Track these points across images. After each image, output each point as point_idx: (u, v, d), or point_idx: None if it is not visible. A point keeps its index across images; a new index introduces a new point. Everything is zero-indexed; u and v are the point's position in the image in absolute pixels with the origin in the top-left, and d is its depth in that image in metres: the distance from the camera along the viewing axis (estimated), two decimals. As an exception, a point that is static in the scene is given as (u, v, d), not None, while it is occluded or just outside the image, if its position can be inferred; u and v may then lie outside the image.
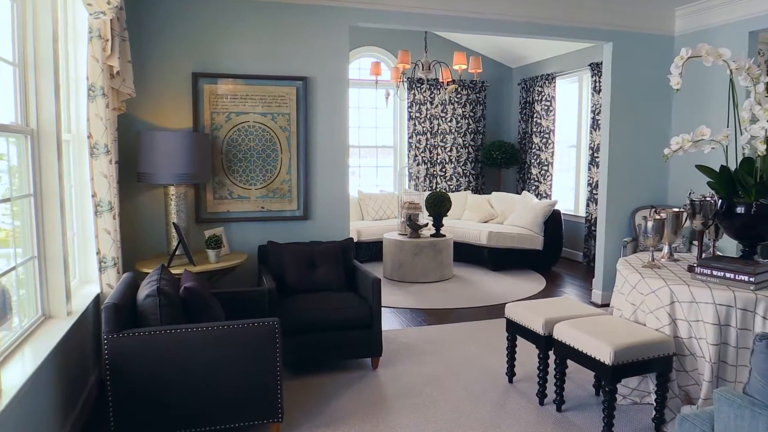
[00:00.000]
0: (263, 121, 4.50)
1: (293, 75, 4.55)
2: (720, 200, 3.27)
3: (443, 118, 8.74)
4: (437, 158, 8.78)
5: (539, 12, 5.14)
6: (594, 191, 7.31)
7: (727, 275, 2.99)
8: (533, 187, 8.51)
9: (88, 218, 3.74)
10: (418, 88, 8.51)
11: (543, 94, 8.26)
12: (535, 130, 8.47)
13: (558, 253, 7.31)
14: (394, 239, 6.67)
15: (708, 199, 3.33)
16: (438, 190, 8.44)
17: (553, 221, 7.19)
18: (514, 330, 3.63)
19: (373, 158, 9.02)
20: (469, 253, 7.32)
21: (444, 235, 6.80)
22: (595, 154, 7.24)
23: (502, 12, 5.05)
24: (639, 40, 5.52)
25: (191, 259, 3.79)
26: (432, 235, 6.79)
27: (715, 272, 3.04)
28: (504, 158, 8.52)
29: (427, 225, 6.81)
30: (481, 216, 7.77)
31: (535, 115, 8.46)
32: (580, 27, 5.32)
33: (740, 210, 3.16)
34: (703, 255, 3.42)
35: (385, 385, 3.71)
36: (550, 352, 3.36)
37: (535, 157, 8.48)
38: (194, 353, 2.77)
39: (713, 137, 3.34)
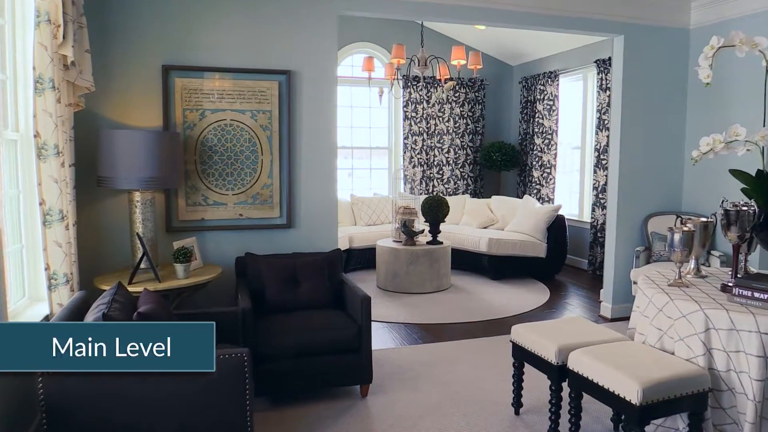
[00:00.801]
0: (242, 119, 4.07)
1: (275, 68, 4.12)
2: (758, 210, 2.86)
3: (440, 118, 8.32)
4: (434, 160, 8.36)
5: (546, 2, 4.73)
6: (600, 195, 6.89)
7: (773, 298, 2.57)
8: (535, 191, 8.09)
9: (39, 229, 3.29)
10: (414, 86, 8.09)
11: (545, 92, 7.85)
12: (536, 130, 8.06)
13: (562, 261, 6.90)
14: (388, 247, 6.25)
15: (744, 208, 2.91)
16: (435, 194, 8.03)
17: (556, 227, 6.78)
18: (522, 356, 3.20)
19: (367, 160, 8.60)
20: (467, 261, 6.89)
21: (441, 243, 6.37)
22: (601, 156, 6.83)
23: (506, 1, 4.63)
24: (652, 34, 5.11)
25: (156, 275, 3.36)
26: (428, 243, 6.37)
27: (756, 294, 2.61)
28: (504, 160, 8.10)
29: (423, 231, 6.39)
30: (480, 221, 7.35)
31: (536, 115, 8.05)
32: (590, 18, 4.90)
33: (782, 221, 2.75)
34: (739, 272, 3.00)
35: (376, 417, 3.28)
36: (564, 384, 2.93)
37: (536, 159, 8.06)
38: (148, 393, 2.34)
39: (748, 137, 2.93)
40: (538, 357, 3.02)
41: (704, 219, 3.24)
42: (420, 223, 6.58)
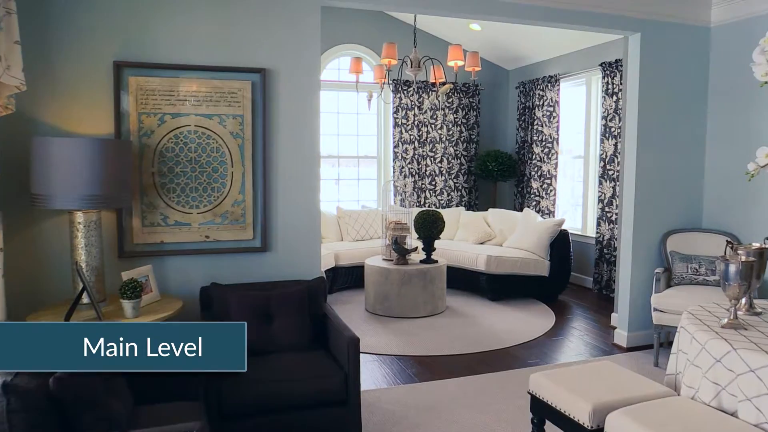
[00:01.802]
0: (208, 125, 3.49)
1: (248, 66, 3.55)
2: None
3: (433, 125, 7.78)
4: (426, 170, 7.82)
5: (554, -5, 4.23)
6: (606, 209, 6.39)
7: None
8: (533, 203, 7.58)
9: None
10: (405, 91, 7.55)
11: (545, 98, 7.35)
12: (535, 138, 7.55)
13: (566, 280, 6.37)
14: (378, 266, 5.68)
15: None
16: (428, 207, 7.49)
17: (560, 243, 6.25)
18: (543, 412, 2.65)
19: (354, 169, 8.03)
20: (463, 280, 6.34)
21: (436, 261, 5.82)
22: (608, 166, 6.33)
23: (510, -7, 4.12)
24: (670, 31, 4.62)
25: (99, 314, 2.76)
26: (422, 261, 5.81)
27: None
28: (500, 170, 7.57)
29: (416, 249, 5.83)
30: (476, 236, 6.81)
31: (535, 122, 7.55)
32: (605, 14, 4.40)
33: None
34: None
35: (366, 485, 2.71)
36: (599, 450, 2.38)
37: (535, 169, 7.55)
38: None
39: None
40: (566, 417, 2.47)
41: (757, 245, 2.73)
42: (413, 240, 6.03)
